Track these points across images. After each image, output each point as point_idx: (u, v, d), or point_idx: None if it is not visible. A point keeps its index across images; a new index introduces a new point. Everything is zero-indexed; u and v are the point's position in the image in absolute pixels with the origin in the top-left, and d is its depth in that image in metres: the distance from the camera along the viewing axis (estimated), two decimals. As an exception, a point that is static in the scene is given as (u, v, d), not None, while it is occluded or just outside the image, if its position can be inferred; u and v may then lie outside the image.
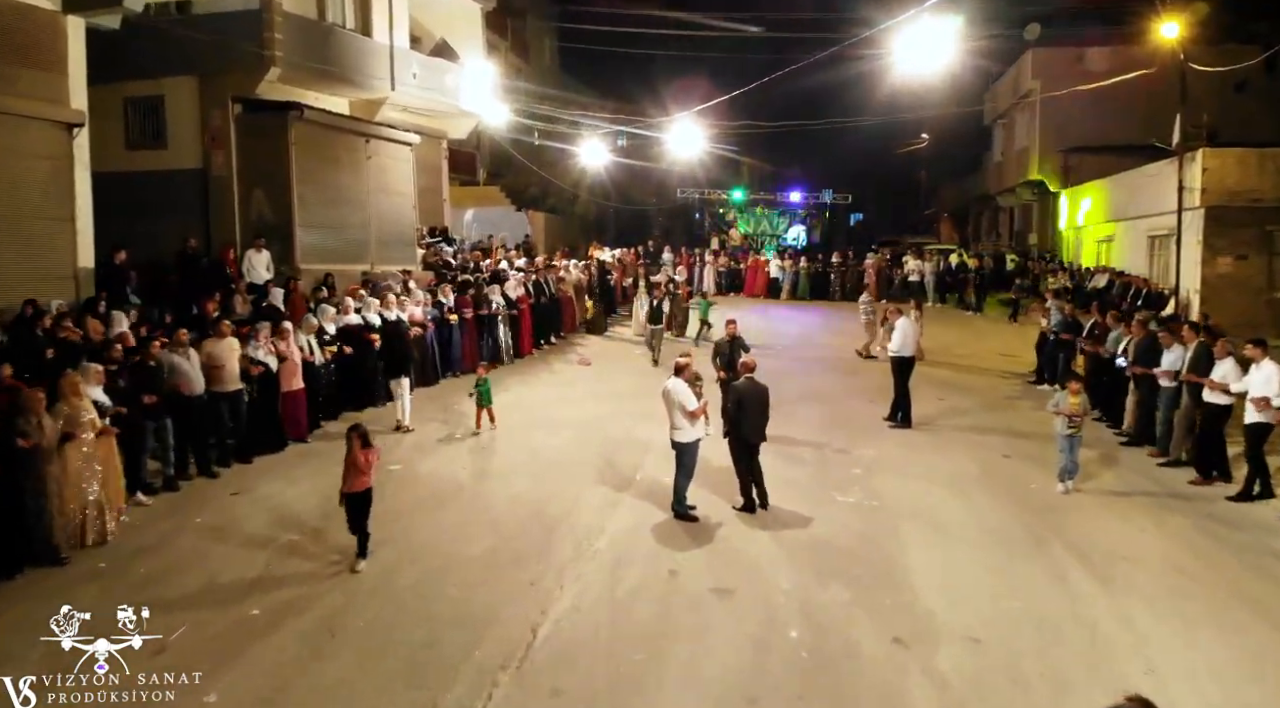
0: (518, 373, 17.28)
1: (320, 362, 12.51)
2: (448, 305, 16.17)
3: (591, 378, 17.21)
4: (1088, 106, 31.25)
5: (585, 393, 15.76)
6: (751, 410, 9.96)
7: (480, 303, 16.99)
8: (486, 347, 17.20)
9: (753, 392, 10.07)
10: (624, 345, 20.54)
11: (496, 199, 31.44)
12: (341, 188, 20.10)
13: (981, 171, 44.33)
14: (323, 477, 10.16)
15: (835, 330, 24.01)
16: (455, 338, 16.30)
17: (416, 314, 14.86)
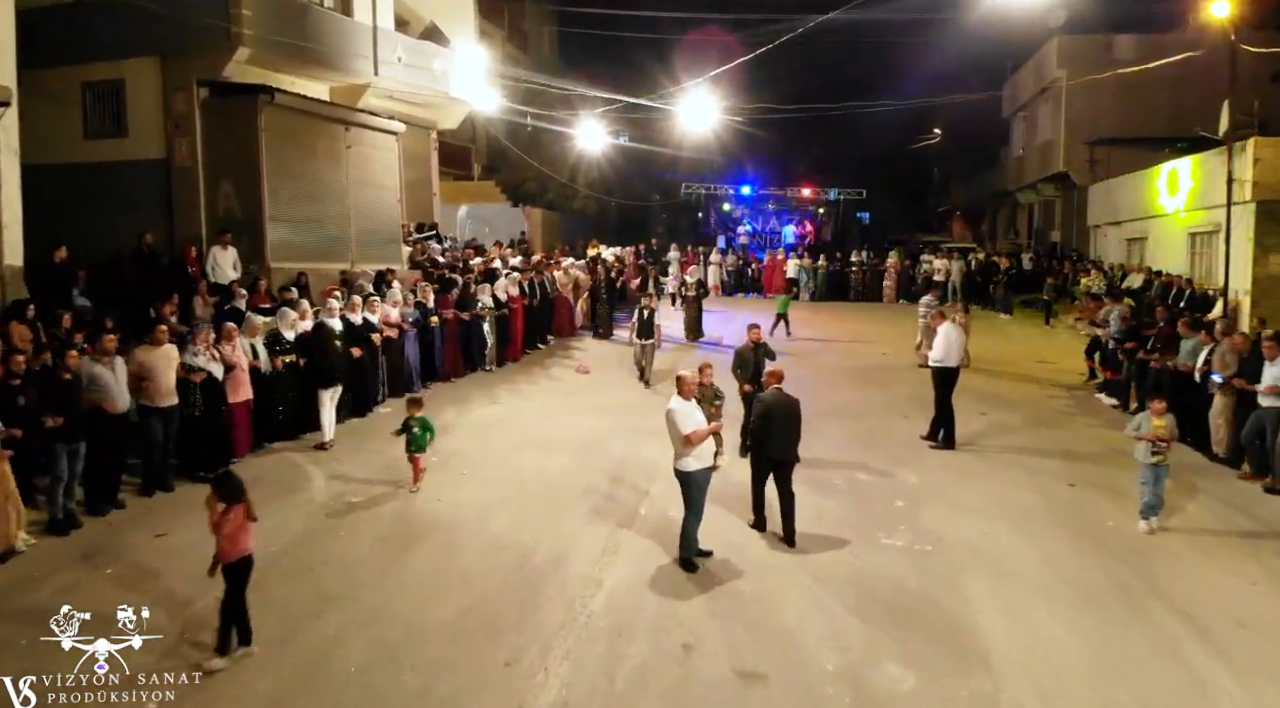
0: (508, 380, 15.60)
1: (267, 369, 10.77)
2: (429, 307, 14.40)
3: (591, 388, 15.52)
4: (1115, 98, 29.70)
5: (584, 405, 14.06)
6: (780, 425, 8.81)
7: (464, 304, 15.25)
8: (474, 352, 15.48)
9: (782, 404, 8.90)
10: (627, 351, 18.82)
11: (491, 195, 29.77)
12: (318, 179, 18.45)
13: (999, 167, 42.63)
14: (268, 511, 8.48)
15: (860, 335, 22.31)
16: (435, 343, 14.59)
17: (393, 316, 13.14)
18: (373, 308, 12.58)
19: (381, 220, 20.09)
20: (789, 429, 8.88)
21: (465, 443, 11.72)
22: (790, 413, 8.91)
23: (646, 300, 15.74)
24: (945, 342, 12.23)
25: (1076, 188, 31.77)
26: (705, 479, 8.08)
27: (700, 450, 8.02)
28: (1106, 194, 28.87)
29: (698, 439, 7.92)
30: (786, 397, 9.05)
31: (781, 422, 8.85)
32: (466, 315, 15.30)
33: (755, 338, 11.59)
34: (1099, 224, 29.83)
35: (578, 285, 20.41)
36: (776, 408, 8.88)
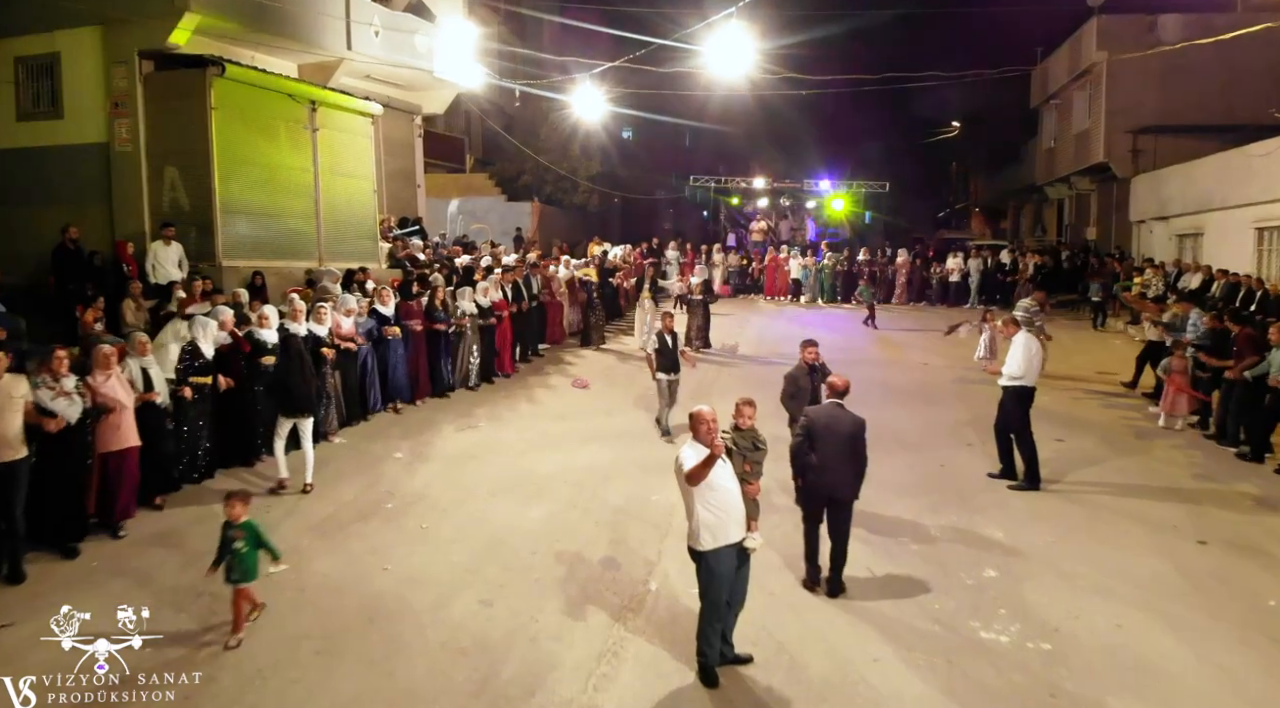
0: (488, 401, 13.21)
1: (163, 402, 8.39)
2: (386, 315, 12.02)
3: (589, 408, 13.18)
4: (1160, 83, 27.40)
5: (579, 431, 11.74)
6: (833, 450, 7.01)
7: (432, 312, 12.89)
8: (442, 369, 13.09)
9: (834, 422, 7.12)
10: (630, 363, 16.48)
11: (484, 188, 27.58)
12: (280, 166, 16.20)
13: (1024, 160, 40.28)
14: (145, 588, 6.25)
15: (890, 342, 20.00)
16: (396, 359, 12.14)
17: (344, 326, 10.79)
18: (320, 317, 10.24)
19: (355, 213, 17.83)
20: (845, 456, 7.01)
21: (430, 484, 9.42)
22: (847, 435, 7.03)
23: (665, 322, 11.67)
24: (1026, 355, 9.89)
25: (1117, 180, 29.41)
26: (728, 565, 5.74)
27: (719, 519, 5.69)
28: (1153, 186, 26.52)
29: (696, 476, 5.61)
30: (843, 413, 7.16)
31: (834, 446, 6.99)
32: (441, 326, 12.86)
33: (811, 357, 9.14)
34: (1143, 219, 27.48)
35: (571, 286, 18.02)
36: (828, 428, 7.04)
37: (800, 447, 7.13)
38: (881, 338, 20.48)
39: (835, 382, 7.47)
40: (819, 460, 7.02)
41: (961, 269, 28.02)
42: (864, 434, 7.14)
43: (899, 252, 29.24)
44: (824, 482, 7.05)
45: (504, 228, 25.84)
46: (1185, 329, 13.93)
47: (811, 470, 7.08)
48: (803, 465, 7.14)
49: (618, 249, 23.43)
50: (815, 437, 7.07)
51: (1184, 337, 13.62)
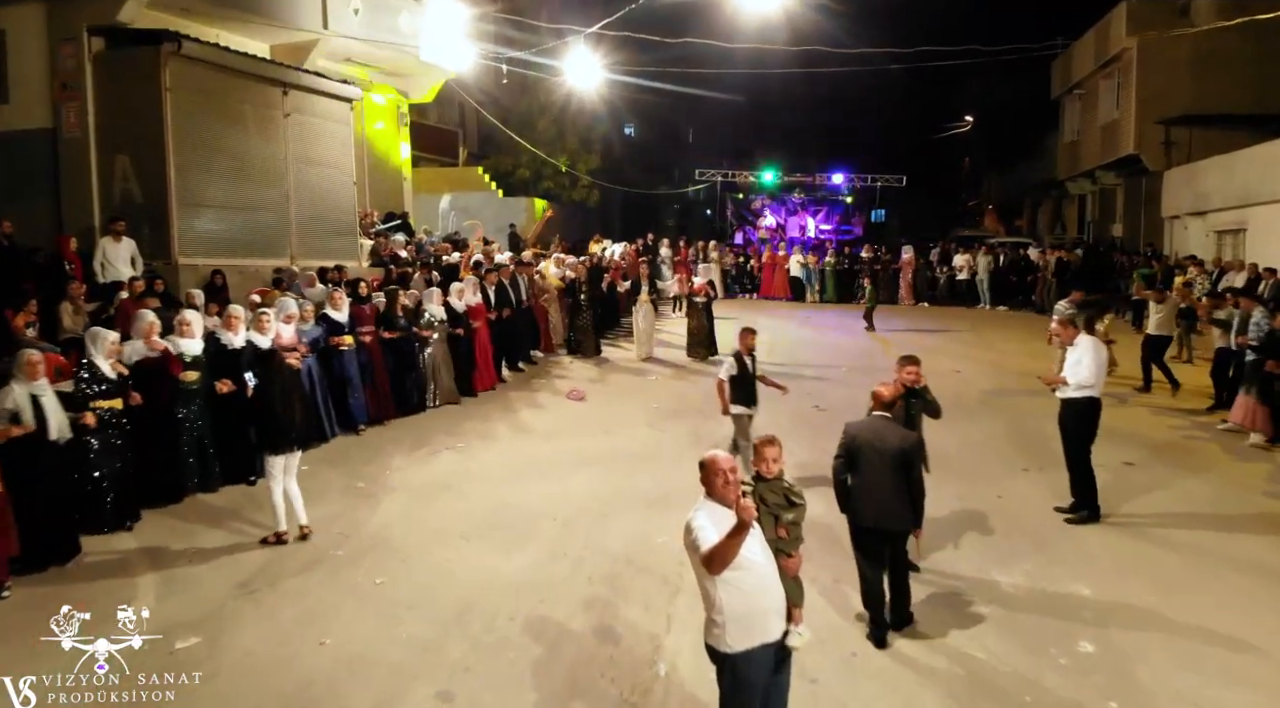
0: (467, 420, 11.57)
1: (60, 436, 6.80)
2: (339, 321, 10.42)
3: (584, 424, 11.63)
4: (1193, 71, 25.83)
5: (572, 452, 10.20)
6: (875, 470, 6.03)
7: (390, 319, 11.29)
8: (408, 385, 11.49)
9: (879, 438, 6.14)
10: (631, 373, 14.89)
11: (478, 183, 26.04)
12: (245, 154, 14.72)
13: (1044, 155, 38.67)
14: None
15: (910, 346, 18.41)
16: (351, 374, 10.41)
17: (284, 335, 9.19)
18: (262, 325, 8.67)
19: (331, 207, 16.33)
20: (893, 479, 5.98)
21: (392, 523, 7.89)
22: (894, 453, 6.00)
23: (746, 340, 9.53)
24: (1095, 362, 8.36)
25: (1147, 174, 27.83)
26: (762, 670, 4.17)
27: (749, 609, 4.10)
28: (1188, 179, 24.95)
29: (723, 558, 3.96)
30: (890, 427, 6.24)
31: (879, 466, 5.99)
32: (395, 334, 11.24)
33: (911, 378, 7.19)
34: (1177, 214, 25.89)
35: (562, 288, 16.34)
36: (871, 446, 6.05)
37: (839, 467, 6.17)
38: (906, 342, 18.90)
39: (881, 392, 6.45)
40: (862, 484, 6.04)
41: (970, 267, 26.51)
42: (917, 452, 6.22)
43: (904, 249, 27.70)
44: (869, 510, 6.01)
45: (499, 225, 24.29)
46: (1246, 330, 12.53)
47: (853, 496, 6.09)
48: (843, 490, 6.17)
49: (617, 247, 21.84)
50: (857, 456, 6.08)
51: (1242, 337, 12.23)
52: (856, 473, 6.08)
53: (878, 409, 6.37)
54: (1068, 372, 8.53)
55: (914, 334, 20.39)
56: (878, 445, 6.04)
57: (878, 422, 6.27)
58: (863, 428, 6.25)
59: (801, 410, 12.26)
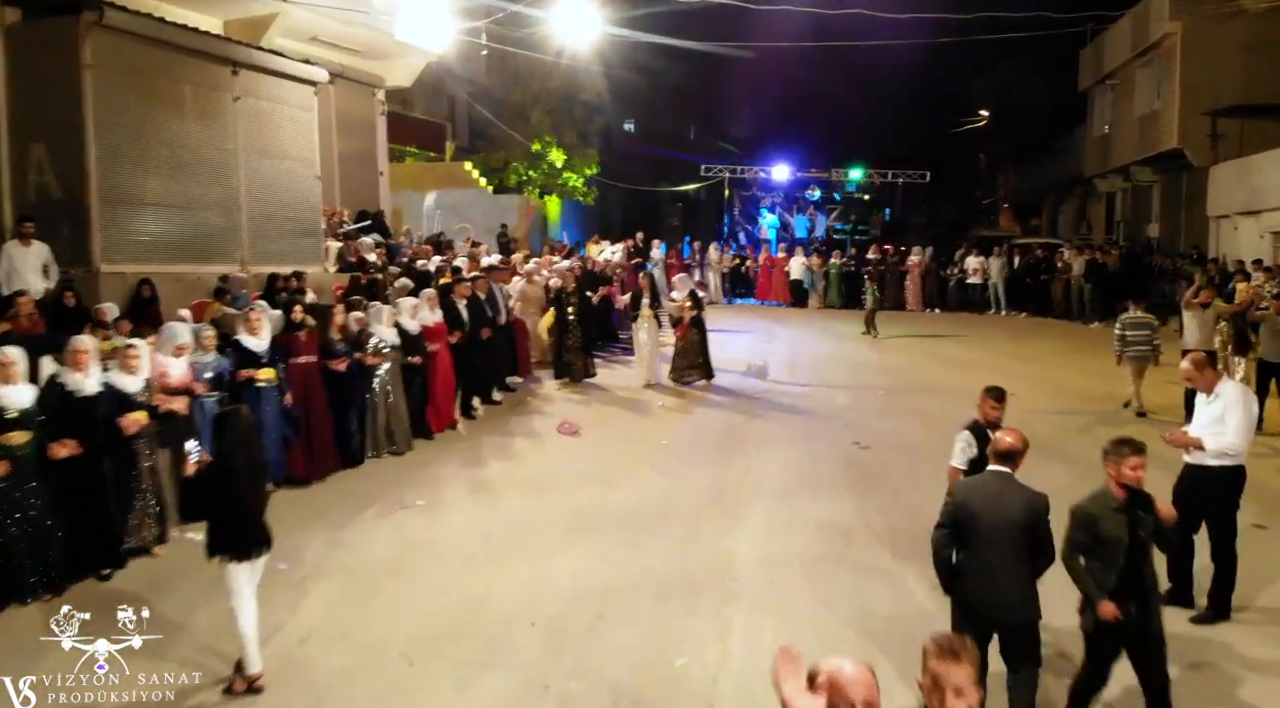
0: (423, 473, 9.29)
1: None
2: (256, 351, 8.15)
3: (576, 470, 9.44)
4: (1243, 56, 23.75)
5: (562, 512, 8.04)
6: (991, 545, 4.64)
7: (327, 344, 9.15)
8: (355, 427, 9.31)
9: (997, 502, 4.69)
10: (630, 402, 12.56)
11: (465, 179, 23.96)
12: (187, 144, 12.68)
13: (1068, 151, 36.58)
14: None
15: (943, 358, 16.39)
16: (268, 418, 8.03)
17: (173, 373, 6.96)
18: (129, 363, 6.42)
19: (290, 204, 14.29)
20: (1015, 556, 4.63)
21: (312, 635, 5.76)
22: (1018, 523, 4.62)
23: (987, 410, 6.47)
24: (1245, 419, 6.34)
25: (1189, 170, 25.75)
26: None
27: None
28: (1240, 175, 22.84)
29: None
30: (1012, 488, 4.74)
31: (997, 540, 4.63)
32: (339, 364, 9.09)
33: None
34: (1226, 214, 23.78)
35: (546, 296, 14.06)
36: (987, 513, 4.66)
37: (943, 541, 4.79)
38: (939, 356, 16.83)
39: (1001, 440, 4.92)
40: (973, 563, 4.69)
41: (983, 271, 24.47)
42: (1046, 521, 4.70)
43: (913, 249, 25.66)
44: (982, 596, 4.65)
45: (489, 225, 22.26)
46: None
47: (962, 578, 4.74)
48: (948, 569, 4.80)
49: (615, 249, 19.69)
50: (966, 525, 4.71)
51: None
52: (966, 548, 4.72)
53: (996, 463, 4.83)
54: (1203, 430, 6.45)
55: (939, 342, 18.35)
56: (997, 512, 4.63)
57: (996, 481, 4.77)
58: (974, 490, 4.83)
59: (840, 450, 10.20)
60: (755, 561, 7.01)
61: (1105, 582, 4.64)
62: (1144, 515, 4.71)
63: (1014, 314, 23.84)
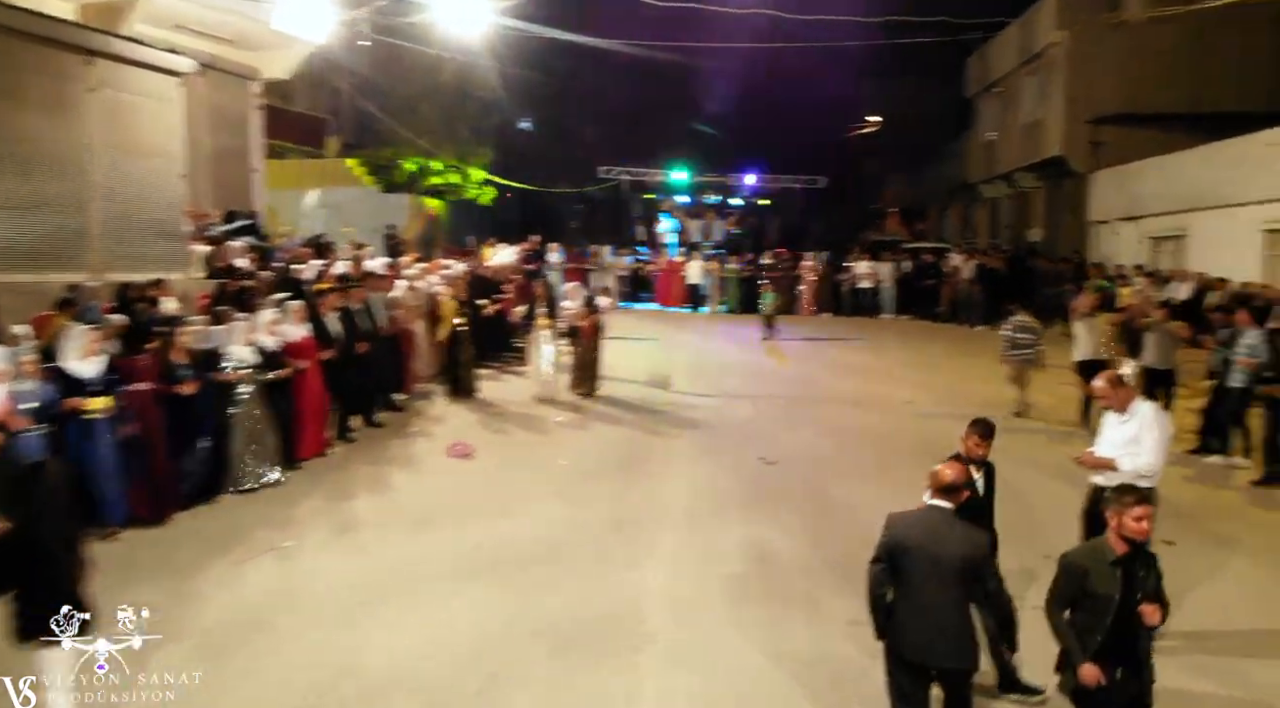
0: (292, 509, 8.27)
1: None
2: (81, 378, 7.02)
3: (470, 497, 8.71)
4: (1124, 67, 24.52)
5: (449, 554, 7.22)
6: (927, 584, 4.36)
7: (168, 367, 8.18)
8: (205, 462, 8.35)
9: (934, 538, 4.40)
10: (526, 419, 11.87)
11: (349, 177, 22.77)
12: (28, 137, 11.37)
13: (954, 157, 37.45)
14: None
15: (844, 365, 16.24)
16: (100, 455, 7.03)
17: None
18: None
19: (151, 205, 13.04)
20: (953, 597, 4.37)
21: (159, 711, 5.03)
22: (956, 562, 4.35)
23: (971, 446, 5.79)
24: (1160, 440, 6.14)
25: (1070, 176, 26.52)
26: None
27: None
28: (1120, 182, 23.63)
29: None
30: (952, 524, 4.46)
31: (934, 579, 4.35)
32: (187, 388, 8.08)
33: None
34: (1106, 219, 24.58)
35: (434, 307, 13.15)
36: (923, 549, 4.37)
37: (878, 578, 4.49)
38: (838, 363, 16.69)
39: (942, 473, 4.57)
40: (907, 603, 4.41)
41: (874, 274, 24.71)
42: (989, 560, 4.66)
43: (806, 255, 25.76)
44: (915, 639, 4.36)
45: (375, 226, 21.18)
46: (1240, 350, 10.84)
47: (895, 619, 4.44)
48: (882, 608, 4.48)
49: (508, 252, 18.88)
50: (904, 562, 4.41)
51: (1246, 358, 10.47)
52: (902, 585, 4.40)
53: (935, 496, 4.50)
54: (1116, 450, 6.22)
55: (835, 347, 18.27)
56: (934, 550, 4.34)
57: (935, 516, 4.47)
58: (913, 524, 4.48)
59: (746, 466, 9.78)
60: (665, 600, 6.48)
61: (1089, 643, 4.25)
62: (1144, 575, 4.29)
63: (904, 318, 24.14)
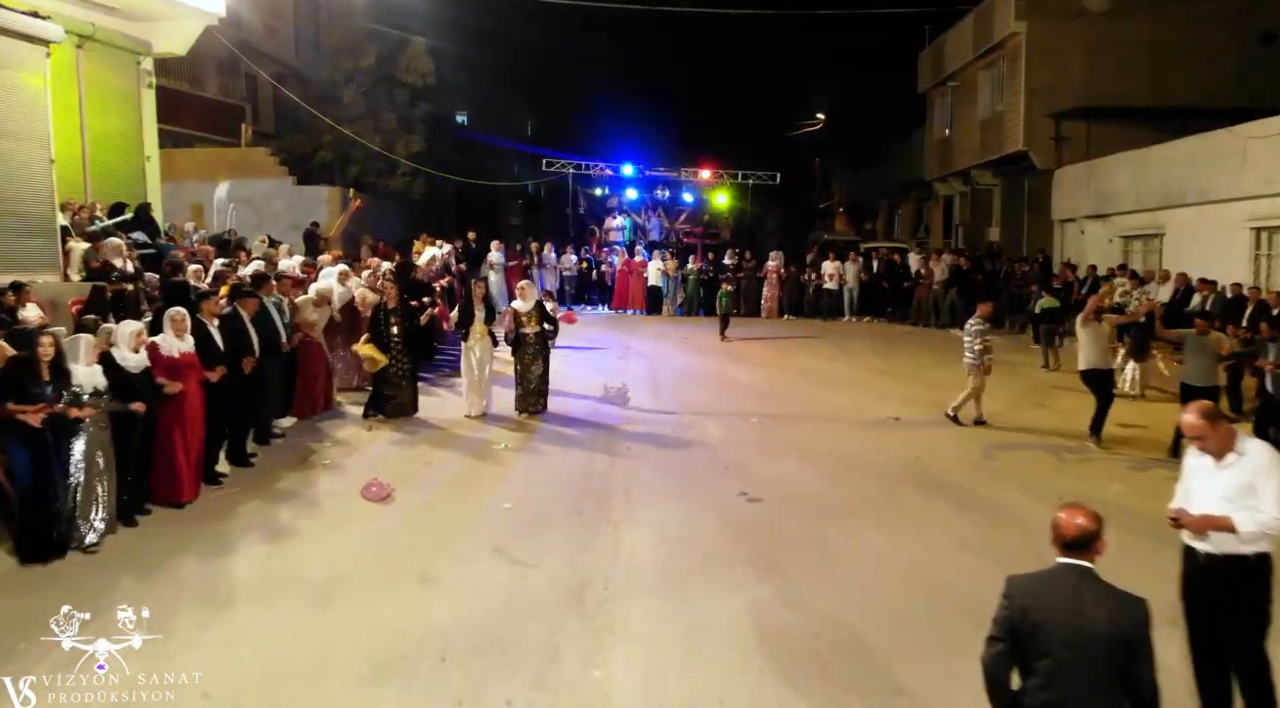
0: (153, 571, 6.44)
1: None
2: None
3: (379, 561, 6.77)
4: (1087, 59, 23.71)
5: (347, 647, 5.44)
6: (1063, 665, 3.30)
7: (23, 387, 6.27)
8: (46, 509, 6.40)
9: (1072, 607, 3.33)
10: (461, 443, 10.06)
11: (265, 168, 20.68)
12: None
13: (906, 154, 36.49)
14: None
15: (810, 375, 14.76)
16: None
17: None
18: None
19: (13, 196, 11.08)
20: (1097, 682, 3.27)
21: None
22: (1106, 640, 3.26)
23: None
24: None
25: (1031, 173, 25.55)
26: None
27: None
28: (1087, 179, 22.62)
29: None
30: (1095, 588, 3.36)
31: (1070, 659, 3.27)
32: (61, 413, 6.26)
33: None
34: (1073, 217, 23.57)
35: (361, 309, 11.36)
36: (1056, 623, 3.30)
37: (997, 662, 3.44)
38: (810, 372, 15.19)
39: (1068, 523, 3.46)
40: (1042, 694, 3.32)
41: (839, 276, 23.39)
42: (1147, 638, 3.32)
43: (770, 254, 24.43)
44: None
45: (292, 220, 19.14)
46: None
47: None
48: (1007, 701, 3.43)
49: (436, 250, 17.00)
50: (1029, 641, 3.36)
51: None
52: (1033, 673, 3.37)
53: (1063, 553, 3.47)
54: (1226, 503, 4.69)
55: (803, 354, 16.80)
56: (1074, 623, 3.32)
57: (1069, 578, 3.42)
58: (1041, 590, 3.45)
59: (725, 503, 8.16)
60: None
61: None
62: None
63: (867, 320, 22.90)
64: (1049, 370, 15.79)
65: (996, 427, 11.22)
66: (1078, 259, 22.24)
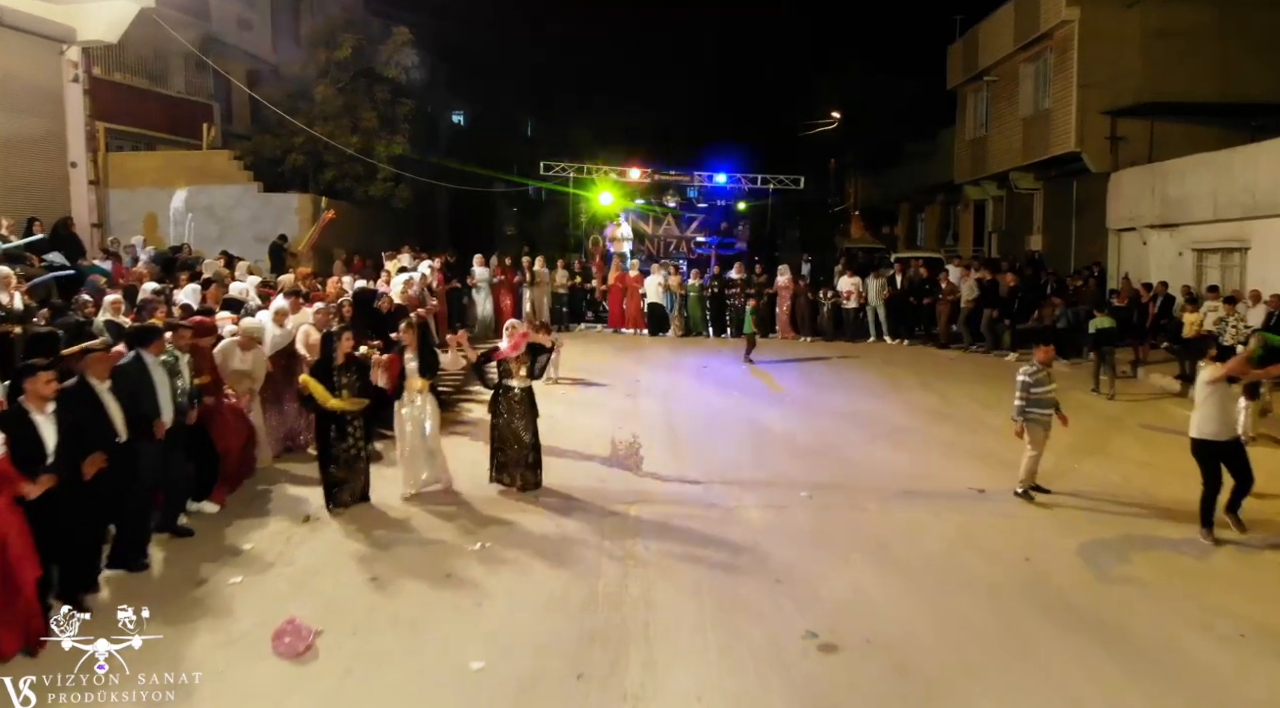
0: None
1: None
2: None
3: None
4: (1145, 50, 21.37)
5: None
6: None
7: None
8: None
9: None
10: (422, 544, 7.50)
11: (228, 173, 18.36)
12: None
13: (930, 154, 34.19)
14: None
15: (864, 420, 12.40)
16: None
17: None
18: None
19: None
20: None
21: None
22: None
23: None
24: None
25: (1081, 176, 23.20)
26: None
27: None
28: (1150, 184, 20.21)
29: None
30: None
31: None
32: None
33: None
34: (1131, 226, 21.17)
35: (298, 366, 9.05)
36: None
37: None
38: (853, 415, 12.81)
39: None
40: None
41: (859, 293, 20.79)
42: None
43: (779, 269, 21.70)
44: None
45: (259, 232, 16.82)
46: None
47: None
48: None
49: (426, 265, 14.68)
50: None
51: None
52: None
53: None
54: None
55: (838, 389, 14.40)
56: None
57: None
58: None
59: (786, 654, 5.81)
60: None
61: None
62: None
63: (905, 343, 20.33)
64: (1098, 394, 14.13)
65: (1063, 492, 9.00)
66: (1138, 273, 19.89)
